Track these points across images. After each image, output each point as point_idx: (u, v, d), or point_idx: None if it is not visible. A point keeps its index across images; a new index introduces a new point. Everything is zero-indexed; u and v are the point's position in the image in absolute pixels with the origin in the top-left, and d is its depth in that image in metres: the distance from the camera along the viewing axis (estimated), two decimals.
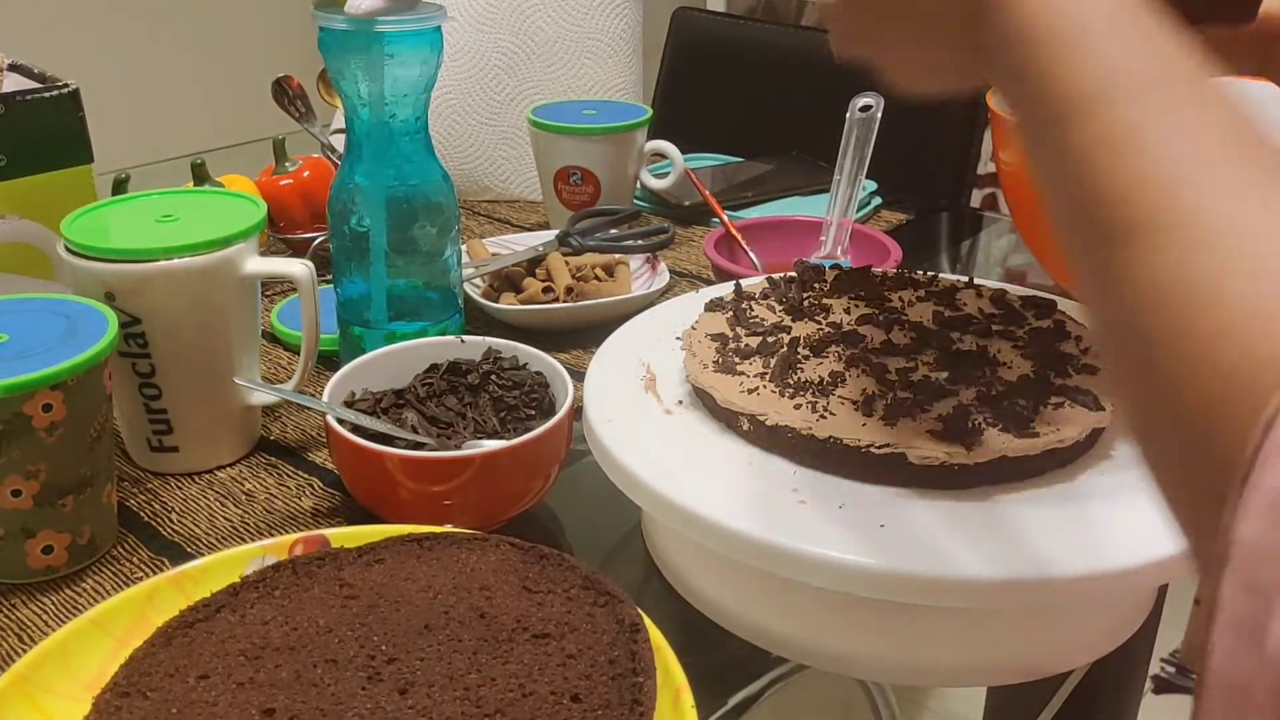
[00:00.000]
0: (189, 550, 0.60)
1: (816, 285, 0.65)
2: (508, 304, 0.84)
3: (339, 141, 0.96)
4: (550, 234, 0.92)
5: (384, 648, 0.44)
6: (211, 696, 0.42)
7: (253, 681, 0.42)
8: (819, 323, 0.60)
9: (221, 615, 0.46)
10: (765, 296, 0.64)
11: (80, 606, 0.55)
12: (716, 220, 1.07)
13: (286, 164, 0.95)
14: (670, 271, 0.91)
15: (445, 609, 0.46)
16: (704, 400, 0.57)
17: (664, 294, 0.88)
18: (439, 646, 0.44)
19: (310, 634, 0.45)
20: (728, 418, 0.55)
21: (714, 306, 0.63)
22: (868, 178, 1.13)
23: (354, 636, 0.44)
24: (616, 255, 0.90)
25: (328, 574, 0.48)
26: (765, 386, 0.54)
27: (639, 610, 0.45)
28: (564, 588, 0.47)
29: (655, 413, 0.57)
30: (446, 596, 0.46)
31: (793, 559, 0.47)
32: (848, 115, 0.79)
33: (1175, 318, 0.27)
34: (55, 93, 0.71)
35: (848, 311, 0.61)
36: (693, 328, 0.61)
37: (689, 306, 0.68)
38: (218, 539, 0.61)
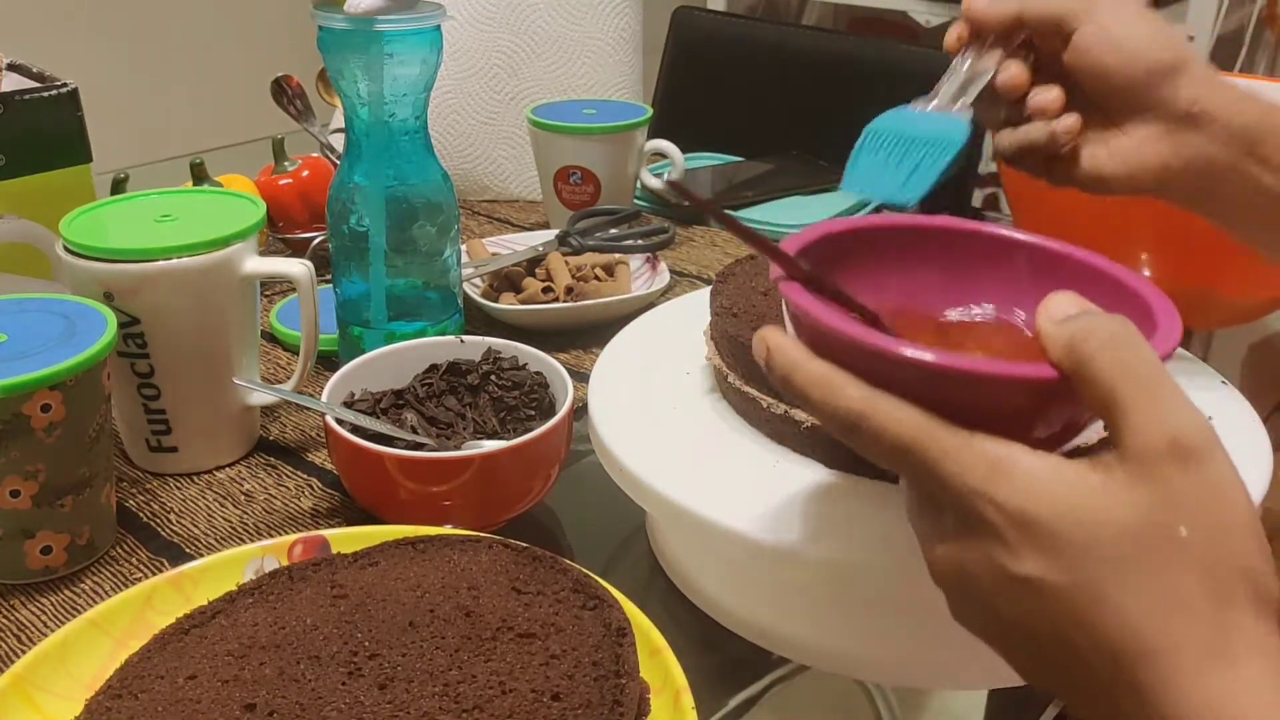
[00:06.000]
0: (188, 551, 0.60)
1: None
2: (507, 304, 0.84)
3: (338, 141, 0.95)
4: (550, 234, 0.92)
5: (366, 644, 0.44)
6: (196, 695, 0.42)
7: (237, 679, 0.43)
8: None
9: (216, 621, 0.46)
10: None
11: (79, 607, 0.55)
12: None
13: (286, 164, 0.95)
14: (670, 271, 0.91)
15: (431, 607, 0.46)
16: (722, 386, 0.57)
17: (664, 294, 0.88)
18: (421, 644, 0.44)
19: (297, 632, 0.45)
20: (744, 408, 0.55)
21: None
22: None
23: (339, 634, 0.45)
24: (616, 255, 0.90)
25: (322, 577, 0.49)
26: None
27: (626, 614, 0.45)
28: (554, 590, 0.47)
29: (659, 413, 0.57)
30: (434, 595, 0.46)
31: (790, 558, 0.47)
32: None
33: None
34: (54, 92, 0.71)
35: None
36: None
37: (693, 306, 0.68)
38: (217, 540, 0.60)
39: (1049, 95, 0.55)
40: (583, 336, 0.83)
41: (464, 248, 0.90)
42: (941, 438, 0.35)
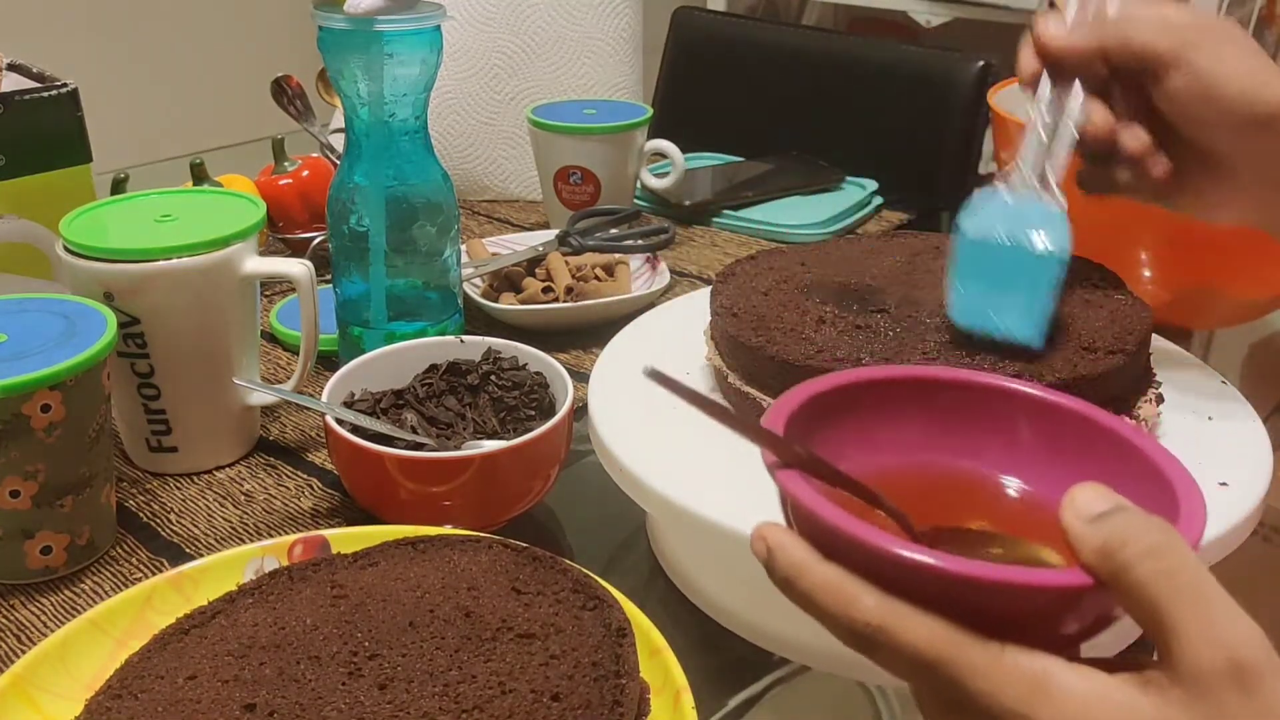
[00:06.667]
0: (188, 551, 0.60)
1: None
2: (507, 304, 0.84)
3: (338, 141, 0.95)
4: (550, 234, 0.92)
5: (366, 644, 0.44)
6: (196, 695, 0.42)
7: (237, 679, 0.43)
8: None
9: (216, 621, 0.47)
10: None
11: (79, 607, 0.55)
12: (720, 222, 1.07)
13: (286, 164, 0.95)
14: (670, 271, 0.91)
15: (431, 607, 0.46)
16: (722, 386, 0.58)
17: (664, 294, 0.88)
18: (422, 644, 0.44)
19: (297, 632, 0.45)
20: (744, 408, 0.55)
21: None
22: (868, 177, 1.13)
23: (338, 634, 0.45)
24: (616, 255, 0.90)
25: (322, 577, 0.49)
26: None
27: (627, 614, 0.45)
28: (554, 590, 0.47)
29: (659, 413, 0.57)
30: (434, 596, 0.46)
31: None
32: None
33: None
34: (54, 92, 0.71)
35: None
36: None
37: (693, 306, 0.68)
38: (217, 540, 0.60)
39: (1136, 141, 0.51)
40: (583, 336, 0.83)
41: (464, 248, 0.90)
42: (970, 652, 0.31)
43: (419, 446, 0.60)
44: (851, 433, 0.40)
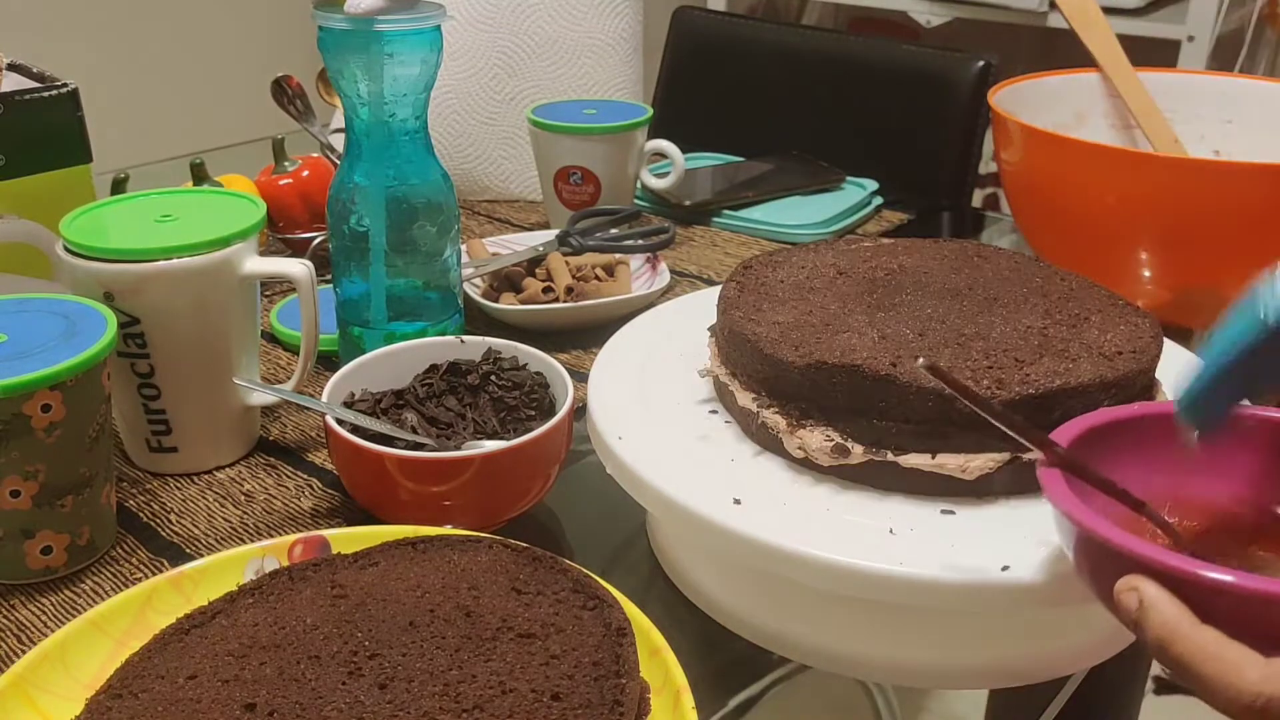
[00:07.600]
0: (188, 551, 0.60)
1: None
2: (508, 304, 0.84)
3: (338, 141, 0.95)
4: (550, 234, 0.92)
5: (366, 644, 0.44)
6: (197, 695, 0.42)
7: (237, 679, 0.43)
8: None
9: (216, 621, 0.47)
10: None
11: (79, 607, 0.55)
12: (720, 222, 1.07)
13: (286, 164, 0.95)
14: (671, 271, 0.91)
15: (431, 607, 0.46)
16: (723, 398, 0.57)
17: (664, 294, 0.88)
18: (422, 644, 0.44)
19: (297, 632, 0.45)
20: (742, 416, 0.55)
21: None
22: (868, 177, 1.13)
23: (339, 634, 0.45)
24: (617, 255, 0.90)
25: (322, 577, 0.49)
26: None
27: (627, 614, 0.45)
28: (554, 590, 0.47)
29: (659, 412, 0.57)
30: (434, 595, 0.47)
31: (790, 558, 0.47)
32: None
33: None
34: (54, 92, 0.71)
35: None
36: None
37: (693, 306, 0.68)
38: (217, 540, 0.60)
39: None
40: (583, 336, 0.83)
41: (464, 248, 0.90)
42: None
43: (419, 446, 0.60)
44: (1127, 465, 0.43)
